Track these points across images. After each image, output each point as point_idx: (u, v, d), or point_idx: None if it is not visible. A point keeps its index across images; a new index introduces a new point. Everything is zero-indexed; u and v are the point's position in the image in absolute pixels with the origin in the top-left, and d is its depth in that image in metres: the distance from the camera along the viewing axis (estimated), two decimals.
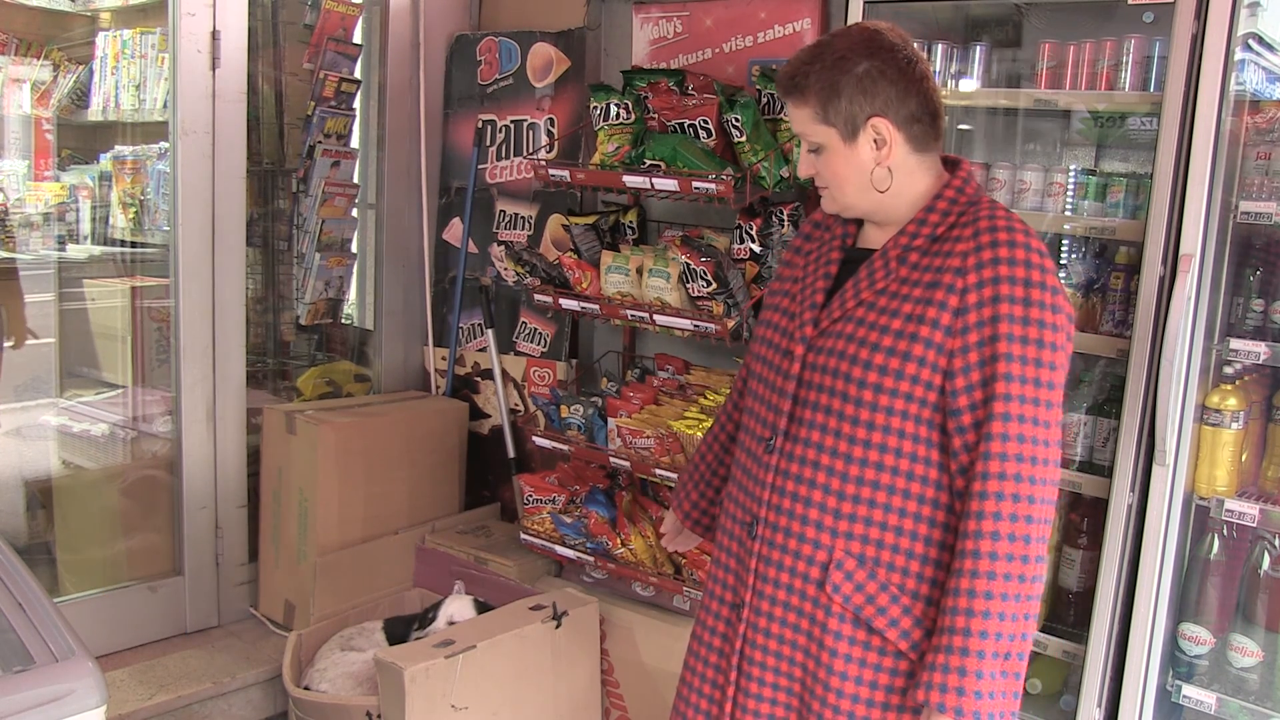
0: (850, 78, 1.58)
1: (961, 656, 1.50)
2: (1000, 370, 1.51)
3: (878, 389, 1.56)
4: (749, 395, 1.79)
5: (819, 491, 1.61)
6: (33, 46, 3.28)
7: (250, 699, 2.97)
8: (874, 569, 1.59)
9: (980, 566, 1.50)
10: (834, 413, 1.60)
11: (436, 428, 3.45)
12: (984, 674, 1.49)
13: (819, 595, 1.61)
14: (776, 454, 1.66)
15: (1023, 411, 1.50)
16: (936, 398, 1.55)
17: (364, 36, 3.61)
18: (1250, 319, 2.24)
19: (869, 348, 1.58)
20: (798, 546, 1.63)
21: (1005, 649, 1.51)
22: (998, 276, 1.52)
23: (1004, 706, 1.52)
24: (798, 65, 1.62)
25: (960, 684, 1.49)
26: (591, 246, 3.03)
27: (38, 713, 1.51)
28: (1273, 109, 2.19)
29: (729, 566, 1.76)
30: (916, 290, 1.58)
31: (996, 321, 1.51)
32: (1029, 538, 1.50)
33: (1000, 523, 1.50)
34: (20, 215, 3.25)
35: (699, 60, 3.07)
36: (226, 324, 3.12)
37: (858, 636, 1.60)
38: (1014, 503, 1.50)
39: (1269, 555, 2.28)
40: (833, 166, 1.64)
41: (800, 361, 1.66)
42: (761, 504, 1.68)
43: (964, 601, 1.50)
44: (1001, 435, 1.50)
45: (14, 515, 3.27)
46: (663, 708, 2.84)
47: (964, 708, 1.49)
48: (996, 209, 1.61)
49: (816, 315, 1.67)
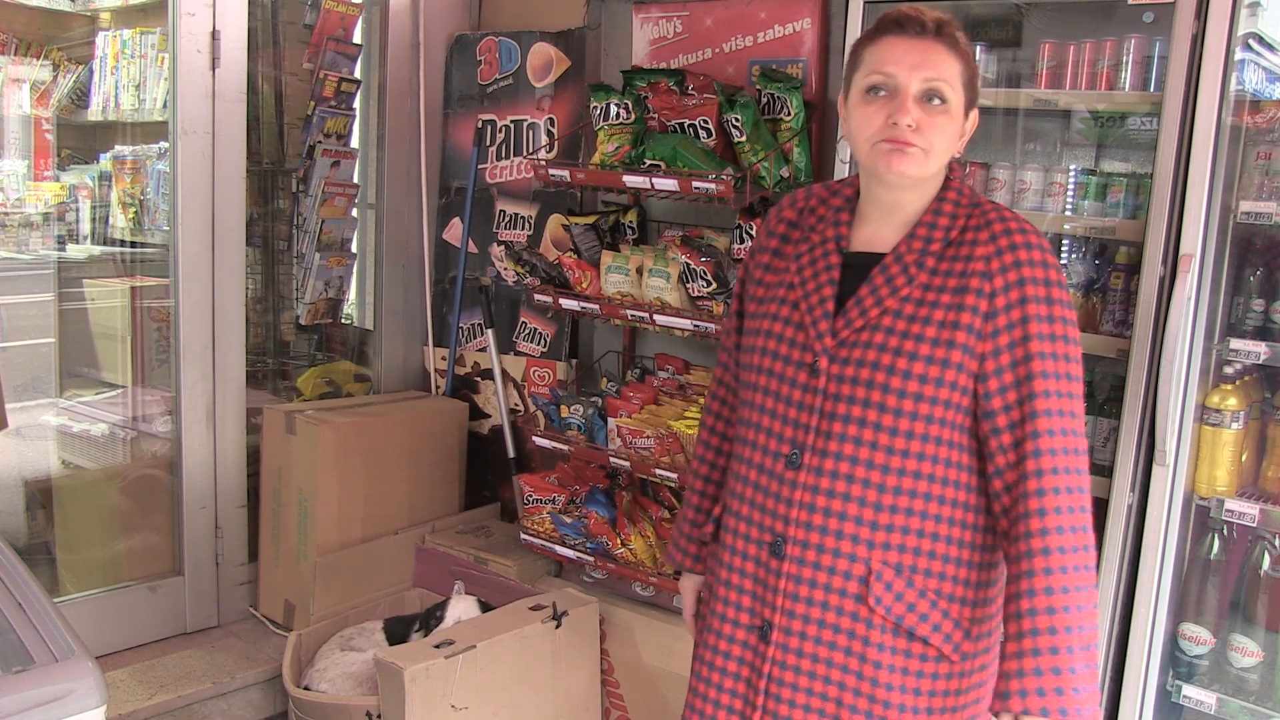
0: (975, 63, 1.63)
1: (1052, 656, 1.49)
2: (1035, 369, 1.52)
3: (918, 398, 1.55)
4: (750, 409, 1.71)
5: (854, 505, 1.58)
6: (33, 46, 3.28)
7: (250, 699, 2.97)
8: (911, 576, 1.58)
9: (1052, 563, 1.50)
10: (869, 424, 1.57)
11: (436, 428, 3.45)
12: (1078, 669, 1.50)
13: (859, 609, 1.59)
14: (805, 470, 1.61)
15: (1060, 407, 1.53)
16: (968, 401, 1.56)
17: (364, 36, 3.61)
18: (1250, 319, 2.24)
19: (906, 356, 1.56)
20: (833, 562, 1.60)
21: (1087, 640, 1.51)
22: (1023, 279, 1.54)
23: (1095, 699, 1.52)
24: (950, 17, 1.59)
25: (1059, 684, 1.49)
26: (591, 246, 3.03)
27: (38, 713, 1.51)
28: (1273, 109, 2.18)
29: (743, 588, 1.69)
30: (945, 296, 1.57)
31: (1026, 323, 1.53)
32: (1086, 528, 1.53)
33: (1061, 517, 1.51)
34: (20, 215, 3.25)
35: (699, 60, 3.07)
36: (226, 324, 3.11)
37: (899, 645, 1.59)
38: (1069, 495, 1.52)
39: (1269, 555, 2.28)
40: (944, 131, 1.57)
41: (825, 374, 1.61)
42: (790, 523, 1.62)
43: (1043, 600, 1.50)
44: (1048, 432, 1.52)
45: (14, 515, 3.27)
46: (662, 708, 2.84)
47: (1067, 707, 1.48)
48: (1002, 210, 1.61)
49: (833, 325, 1.62)
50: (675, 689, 2.75)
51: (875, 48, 1.58)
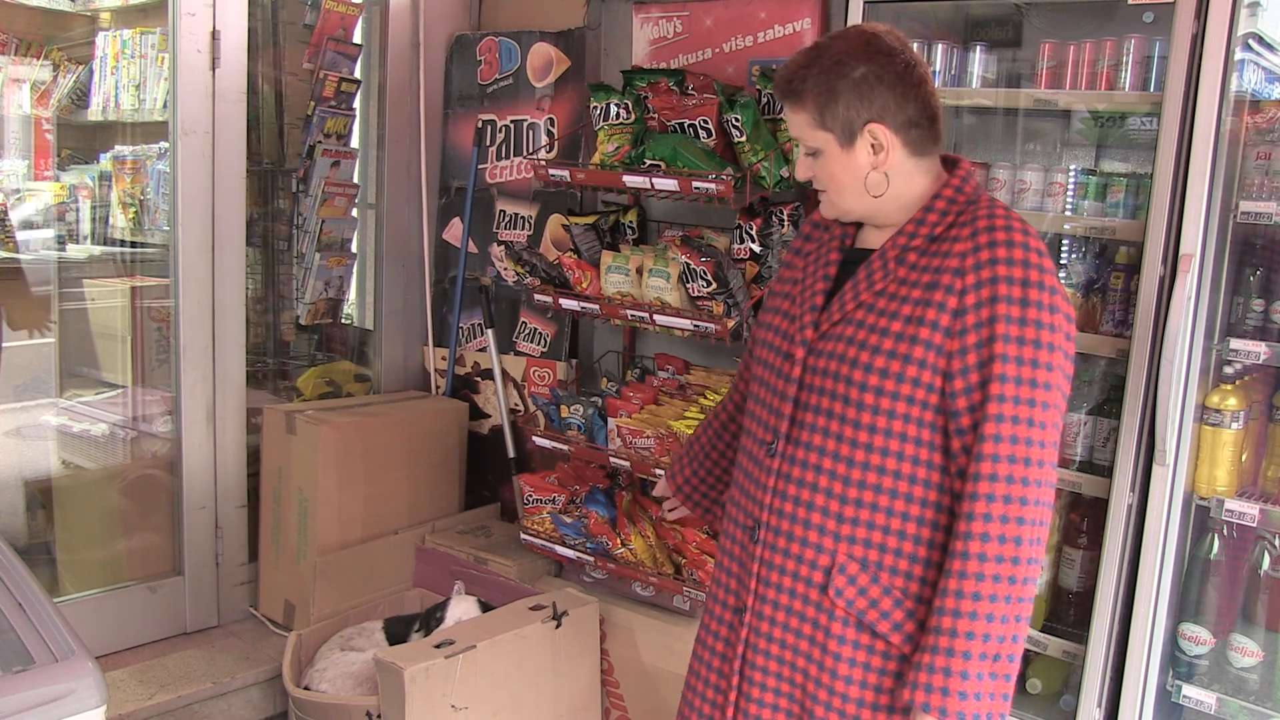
0: (847, 82, 1.56)
1: (947, 657, 1.49)
2: (995, 371, 1.50)
3: (878, 391, 1.56)
4: (750, 398, 1.78)
5: (821, 495, 1.61)
6: (33, 46, 3.28)
7: (250, 699, 2.97)
8: (876, 572, 1.59)
9: (969, 567, 1.49)
10: (834, 415, 1.60)
11: (436, 428, 3.45)
12: (970, 674, 1.48)
13: (822, 599, 1.61)
14: (778, 458, 1.65)
15: (1016, 412, 1.49)
16: (936, 399, 1.55)
17: (364, 36, 3.61)
18: (1250, 319, 2.23)
19: (869, 350, 1.57)
20: (800, 550, 1.63)
21: (994, 650, 1.49)
22: (995, 277, 1.51)
23: (992, 708, 1.50)
24: (794, 69, 1.61)
25: (945, 684, 1.49)
26: (591, 246, 3.03)
27: (38, 713, 1.52)
28: (1273, 109, 2.18)
29: (731, 570, 1.76)
30: (915, 291, 1.57)
31: (994, 322, 1.50)
32: (1020, 539, 1.49)
33: (991, 524, 1.49)
34: (20, 215, 3.25)
35: (699, 60, 3.07)
36: (226, 324, 3.12)
37: (861, 640, 1.60)
38: (1005, 504, 1.49)
39: (1269, 555, 2.28)
40: (829, 171, 1.63)
41: (800, 365, 1.65)
42: (763, 507, 1.67)
43: (951, 602, 1.50)
44: (994, 436, 1.50)
45: (14, 515, 3.27)
46: (663, 707, 2.84)
47: (948, 708, 1.48)
48: (995, 207, 1.60)
49: (816, 318, 1.66)
50: (675, 689, 2.74)
51: None
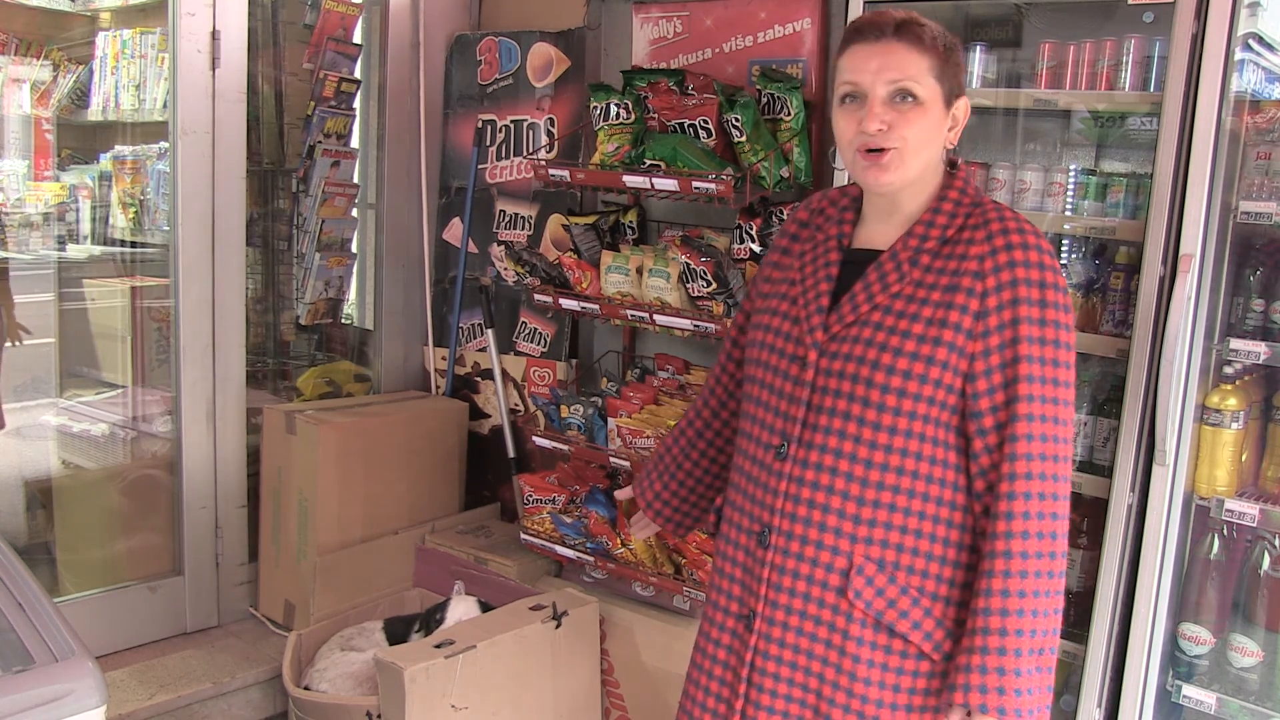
0: (958, 51, 1.60)
1: (999, 656, 1.51)
2: (1022, 372, 1.53)
3: (901, 393, 1.56)
4: (750, 403, 1.75)
5: (838, 498, 1.60)
6: (33, 46, 3.28)
7: (250, 699, 2.97)
8: (894, 573, 1.59)
9: (1013, 566, 1.52)
10: (853, 418, 1.59)
11: (436, 428, 3.45)
12: (1023, 671, 1.51)
13: (839, 602, 1.60)
14: (790, 461, 1.64)
15: (1044, 411, 1.53)
16: (956, 400, 1.56)
17: (364, 36, 3.61)
18: (1250, 319, 2.24)
19: (890, 352, 1.57)
20: (815, 554, 1.62)
21: (1040, 645, 1.53)
22: (1015, 279, 1.54)
23: (1041, 702, 1.54)
24: (911, 15, 1.59)
25: (1000, 684, 1.51)
26: (591, 246, 3.03)
27: (38, 713, 1.52)
28: (1273, 109, 2.18)
29: (734, 576, 1.73)
30: (935, 294, 1.57)
31: (1017, 324, 1.53)
32: (1056, 534, 1.53)
33: (1030, 522, 1.52)
34: (20, 215, 3.25)
35: (699, 60, 3.07)
36: (226, 324, 3.11)
37: (879, 641, 1.60)
38: (1040, 501, 1.52)
39: (1269, 555, 2.28)
40: (917, 126, 1.57)
41: (814, 368, 1.63)
42: (775, 513, 1.65)
43: (998, 601, 1.52)
44: (1026, 436, 1.52)
45: (14, 515, 3.27)
46: (662, 708, 2.84)
47: (1006, 706, 1.51)
48: (1003, 210, 1.62)
49: (825, 319, 1.64)
50: (675, 689, 2.74)
51: (844, 57, 1.61)
